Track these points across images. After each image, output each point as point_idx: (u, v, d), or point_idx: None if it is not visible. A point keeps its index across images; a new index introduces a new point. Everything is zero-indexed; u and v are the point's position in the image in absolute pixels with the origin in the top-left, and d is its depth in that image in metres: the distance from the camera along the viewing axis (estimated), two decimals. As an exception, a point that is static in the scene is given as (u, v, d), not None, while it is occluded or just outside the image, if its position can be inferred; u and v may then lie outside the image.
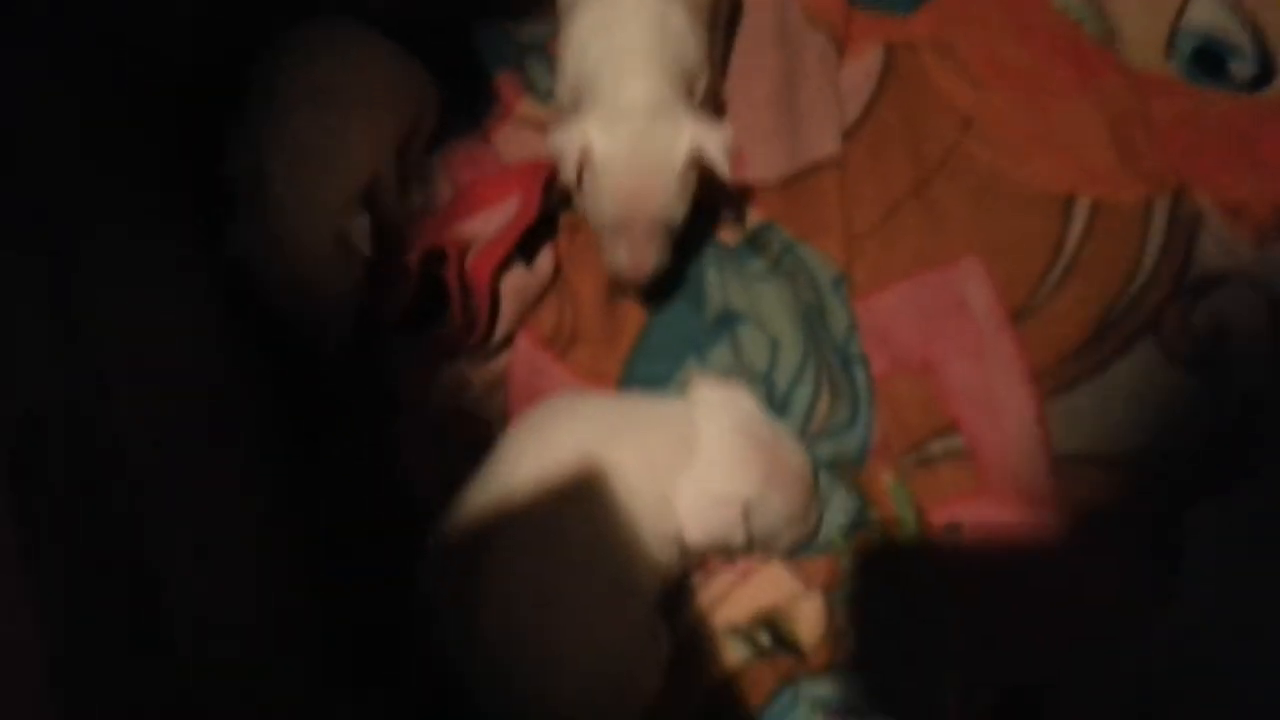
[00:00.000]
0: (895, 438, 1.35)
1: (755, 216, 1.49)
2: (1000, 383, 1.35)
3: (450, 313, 1.37)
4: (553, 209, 1.46)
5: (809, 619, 1.24)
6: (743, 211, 1.49)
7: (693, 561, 1.24)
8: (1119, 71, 1.53)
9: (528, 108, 1.59)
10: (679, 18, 1.35)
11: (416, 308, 1.39)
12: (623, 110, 1.28)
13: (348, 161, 1.33)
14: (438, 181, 1.49)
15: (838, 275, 1.43)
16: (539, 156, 1.45)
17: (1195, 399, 1.32)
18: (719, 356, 1.41)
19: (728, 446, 1.16)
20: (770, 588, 1.27)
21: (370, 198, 1.34)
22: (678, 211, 1.31)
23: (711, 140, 1.29)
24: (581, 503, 1.11)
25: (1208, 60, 1.53)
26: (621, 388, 1.40)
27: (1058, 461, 1.30)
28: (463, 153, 1.53)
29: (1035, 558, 1.26)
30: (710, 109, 1.46)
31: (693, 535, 1.14)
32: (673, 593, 1.25)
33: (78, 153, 1.08)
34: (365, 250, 1.31)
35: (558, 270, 1.46)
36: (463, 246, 1.39)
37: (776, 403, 1.36)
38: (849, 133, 1.53)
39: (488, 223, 1.41)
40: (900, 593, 1.25)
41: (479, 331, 1.38)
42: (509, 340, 1.43)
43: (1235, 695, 1.16)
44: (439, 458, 1.31)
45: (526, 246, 1.44)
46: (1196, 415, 1.31)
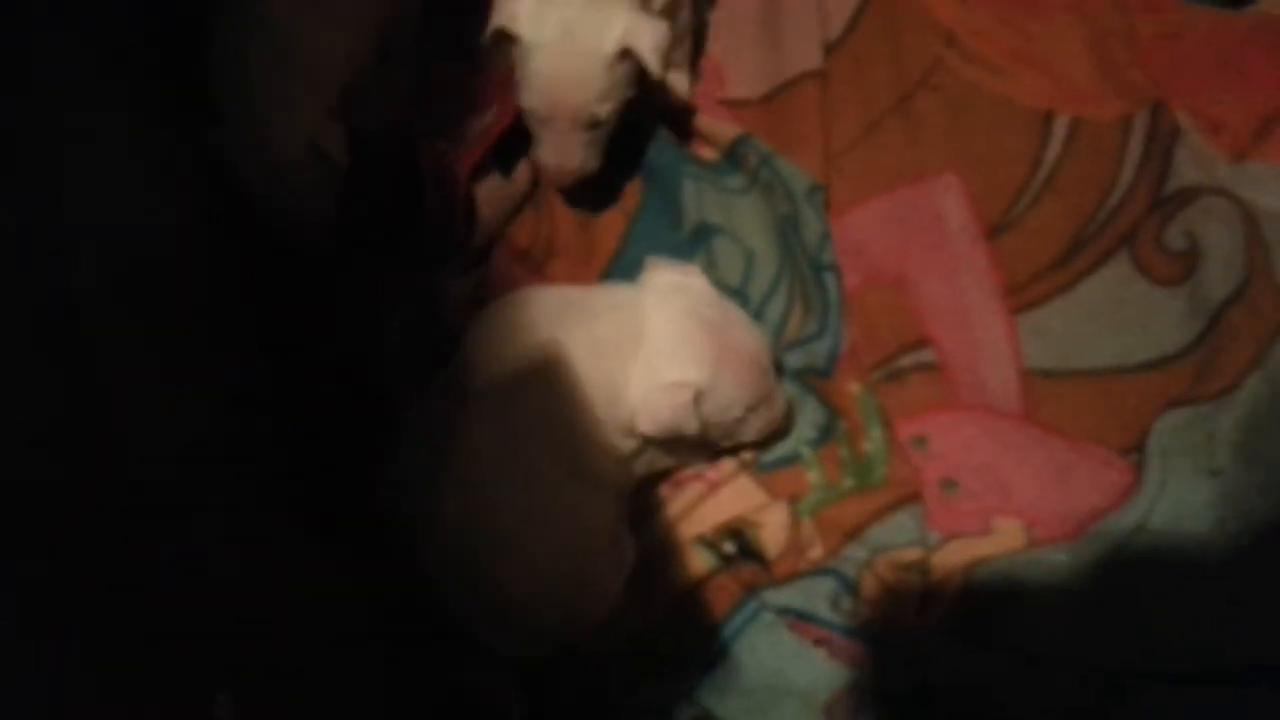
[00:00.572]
0: (866, 351, 1.36)
1: (734, 129, 1.48)
2: (973, 298, 1.37)
3: (425, 214, 1.37)
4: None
5: (774, 529, 1.26)
6: (685, 123, 1.47)
7: (658, 462, 1.24)
8: (1104, -13, 1.52)
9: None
10: None
11: (395, 211, 1.39)
12: None
13: (326, 68, 1.32)
14: (416, 87, 1.48)
15: (813, 185, 1.43)
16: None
17: (1166, 312, 1.33)
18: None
19: (675, 332, 1.15)
20: (737, 499, 1.28)
21: (348, 103, 1.34)
22: (602, 108, 1.28)
23: (645, 37, 1.25)
24: (536, 386, 1.13)
25: (1192, -23, 1.51)
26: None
27: (1027, 376, 1.32)
28: (442, 59, 1.51)
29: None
30: (688, 33, 1.44)
31: (644, 424, 1.13)
32: (641, 503, 1.27)
33: (56, 27, 1.07)
34: (340, 159, 1.31)
35: (535, 185, 1.46)
36: (439, 150, 1.38)
37: (751, 315, 1.36)
38: (832, 47, 1.52)
39: (464, 127, 1.40)
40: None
41: (455, 233, 1.38)
42: (485, 254, 1.43)
43: (1191, 590, 1.19)
44: (415, 364, 1.32)
45: (504, 159, 1.43)
46: (1167, 328, 1.32)
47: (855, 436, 1.31)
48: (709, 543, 1.26)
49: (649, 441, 1.18)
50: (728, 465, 1.29)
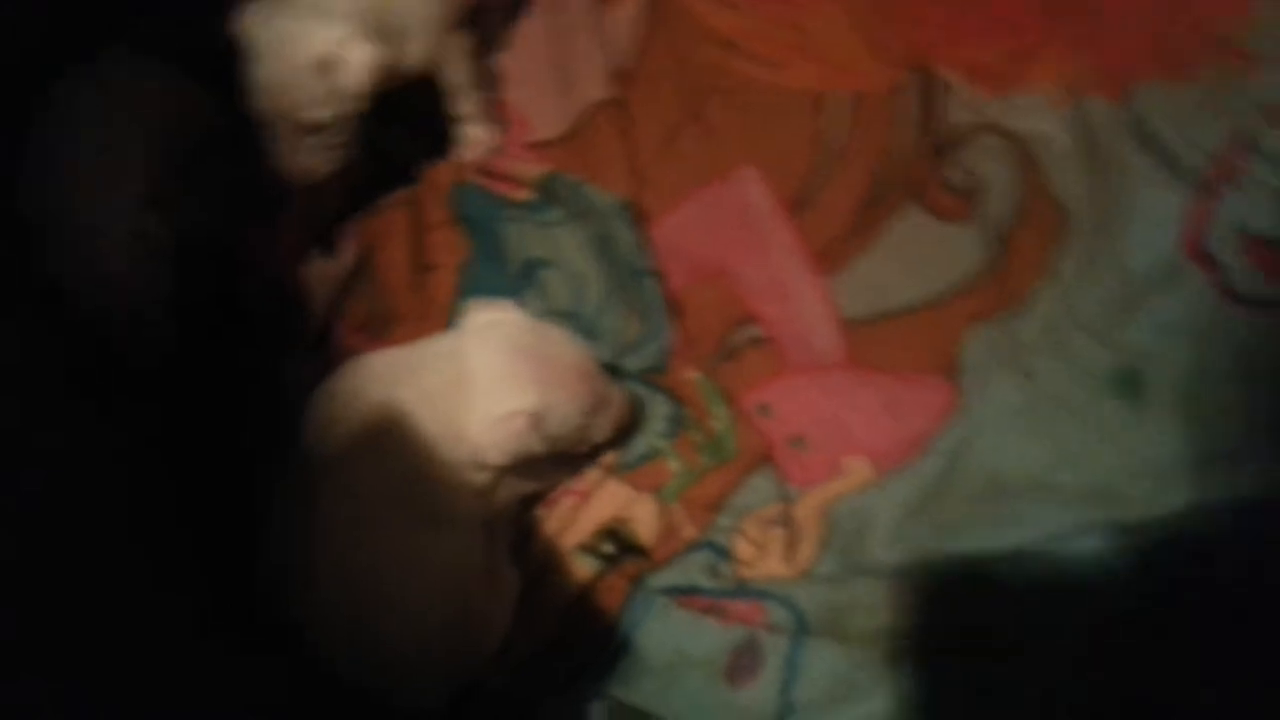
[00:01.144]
0: (701, 340, 1.44)
1: (543, 168, 1.56)
2: (788, 272, 1.46)
3: (251, 302, 1.43)
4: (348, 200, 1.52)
5: (645, 520, 1.32)
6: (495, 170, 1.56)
7: (521, 487, 1.29)
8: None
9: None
10: None
11: (225, 304, 1.44)
12: (290, 5, 1.30)
13: (136, 168, 1.37)
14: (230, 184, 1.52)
15: (622, 203, 1.52)
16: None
17: (960, 243, 1.44)
18: (529, 304, 1.47)
19: (500, 365, 1.19)
20: (608, 502, 1.34)
21: (164, 199, 1.39)
22: (319, 114, 1.32)
23: (352, 52, 1.29)
24: (377, 447, 1.16)
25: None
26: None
27: (846, 328, 1.42)
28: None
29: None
30: (475, 86, 1.52)
31: (491, 456, 1.17)
32: (520, 529, 1.32)
33: None
34: (162, 243, 1.36)
35: (362, 257, 1.52)
36: (252, 240, 1.44)
37: (586, 333, 1.43)
38: (626, 73, 1.61)
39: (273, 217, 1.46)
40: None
41: (288, 317, 1.43)
42: (326, 333, 1.48)
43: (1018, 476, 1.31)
44: (272, 448, 1.35)
45: (325, 239, 1.50)
46: (963, 258, 1.43)
47: (702, 419, 1.38)
48: (589, 548, 1.32)
49: (504, 470, 1.22)
50: (593, 475, 1.35)
